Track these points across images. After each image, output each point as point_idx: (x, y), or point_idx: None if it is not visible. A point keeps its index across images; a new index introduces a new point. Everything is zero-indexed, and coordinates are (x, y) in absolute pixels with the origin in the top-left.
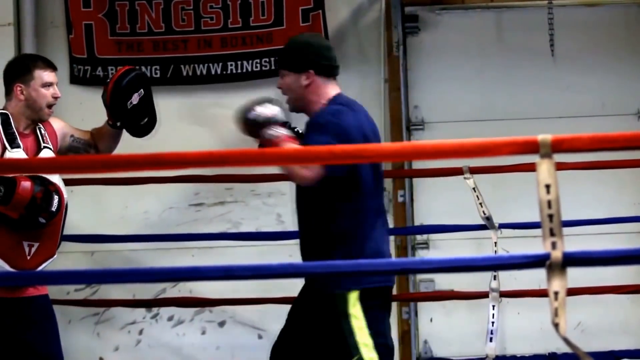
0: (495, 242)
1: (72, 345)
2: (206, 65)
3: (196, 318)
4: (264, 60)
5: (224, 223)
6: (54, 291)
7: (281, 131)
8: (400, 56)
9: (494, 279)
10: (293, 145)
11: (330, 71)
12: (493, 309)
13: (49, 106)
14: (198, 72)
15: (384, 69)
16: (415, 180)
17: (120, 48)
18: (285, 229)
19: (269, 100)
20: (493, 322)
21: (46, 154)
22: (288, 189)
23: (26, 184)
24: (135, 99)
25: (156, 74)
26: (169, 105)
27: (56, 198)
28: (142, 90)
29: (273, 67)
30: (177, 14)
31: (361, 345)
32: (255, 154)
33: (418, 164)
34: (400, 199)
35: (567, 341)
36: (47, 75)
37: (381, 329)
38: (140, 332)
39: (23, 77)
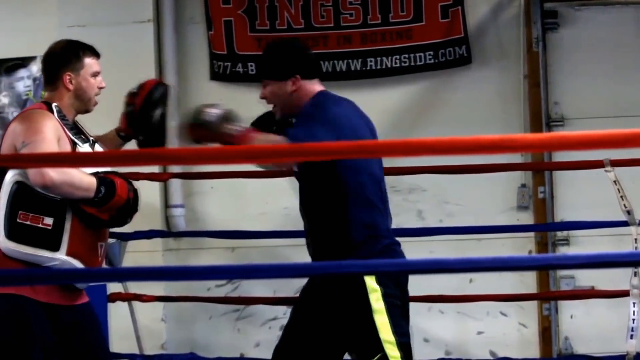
0: (636, 238)
1: (213, 341)
2: (346, 61)
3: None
4: (403, 56)
5: None
6: (196, 287)
7: (240, 126)
8: (540, 52)
9: (635, 275)
10: (259, 136)
11: (314, 72)
12: (634, 306)
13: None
14: (338, 69)
15: (523, 65)
16: (555, 175)
17: (260, 44)
18: (426, 225)
19: (212, 105)
20: (634, 320)
21: (97, 147)
22: (429, 185)
23: (123, 185)
24: (157, 114)
25: None
26: None
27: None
28: (164, 107)
29: (413, 64)
30: (317, 10)
31: (385, 342)
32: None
33: (558, 158)
34: (540, 195)
35: None
36: (95, 64)
37: (406, 329)
38: (281, 328)
39: (73, 65)
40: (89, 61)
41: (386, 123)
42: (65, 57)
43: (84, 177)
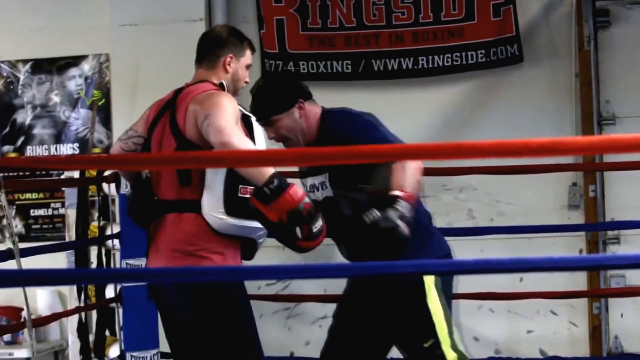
0: None
1: (263, 339)
2: (397, 60)
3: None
4: (455, 55)
5: None
6: (246, 285)
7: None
8: (592, 51)
9: None
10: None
11: (309, 93)
12: None
13: None
14: (389, 67)
15: (575, 64)
16: (605, 174)
17: (311, 43)
18: (477, 224)
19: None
20: None
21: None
22: (479, 184)
23: (298, 190)
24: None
25: (347, 68)
26: (361, 100)
27: (320, 223)
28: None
29: (464, 62)
30: (369, 8)
31: (438, 329)
32: (447, 147)
33: (609, 158)
34: (591, 194)
35: None
36: (251, 58)
37: (451, 316)
38: None
39: (236, 49)
40: (248, 52)
41: (437, 122)
42: (230, 39)
43: None
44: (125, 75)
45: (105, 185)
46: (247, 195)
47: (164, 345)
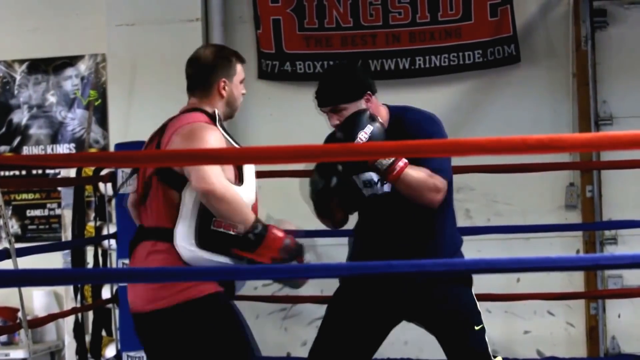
0: None
1: (259, 340)
2: (394, 60)
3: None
4: (452, 55)
5: None
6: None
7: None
8: (589, 51)
9: None
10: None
11: (375, 87)
12: None
13: None
14: (386, 67)
15: (572, 64)
16: (603, 174)
17: (308, 43)
18: (474, 224)
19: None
20: None
21: None
22: (477, 184)
23: (276, 228)
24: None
25: None
26: None
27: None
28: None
29: (461, 62)
30: (366, 9)
31: (478, 314)
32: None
33: (606, 157)
34: (588, 194)
35: None
36: (242, 71)
37: None
38: None
39: (227, 71)
40: (239, 67)
41: None
42: (219, 63)
43: (245, 205)
44: (122, 75)
45: (101, 185)
46: (221, 229)
47: None
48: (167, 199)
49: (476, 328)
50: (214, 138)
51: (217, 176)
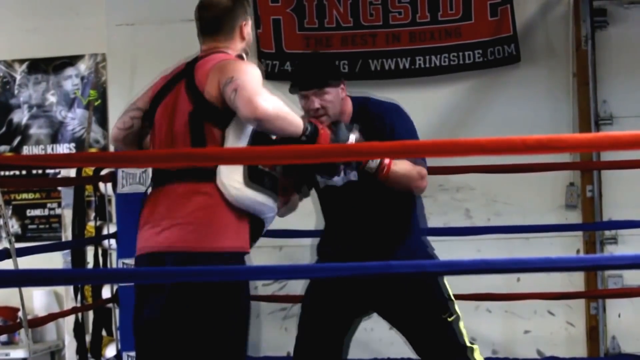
0: None
1: (260, 340)
2: (394, 59)
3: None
4: (452, 54)
5: None
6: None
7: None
8: (589, 50)
9: None
10: (398, 163)
11: None
12: None
13: None
14: (386, 67)
15: (572, 64)
16: (603, 174)
17: (308, 43)
18: (474, 224)
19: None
20: None
21: None
22: (477, 184)
23: (324, 127)
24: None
25: (344, 68)
26: None
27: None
28: None
29: (461, 62)
30: (366, 8)
31: (448, 304)
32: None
33: (606, 157)
34: (588, 194)
35: None
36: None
37: None
38: None
39: (246, 12)
40: (248, 9)
41: (434, 122)
42: (239, 4)
43: (291, 111)
44: (122, 75)
45: (101, 185)
46: (267, 169)
47: None
48: (210, 137)
49: (447, 318)
50: (254, 68)
51: (264, 96)
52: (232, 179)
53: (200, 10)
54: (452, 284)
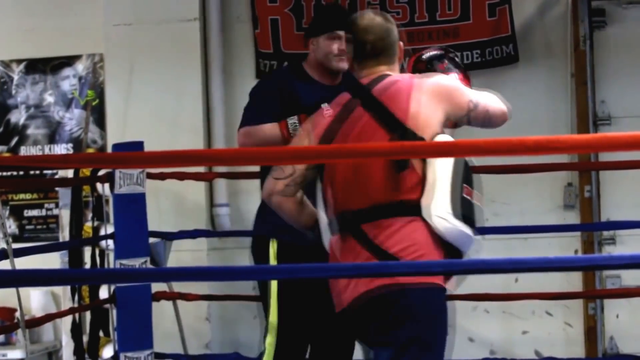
0: None
1: (257, 341)
2: None
3: None
4: None
5: None
6: (240, 286)
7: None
8: (587, 51)
9: None
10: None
11: None
12: None
13: None
14: None
15: (570, 64)
16: (601, 174)
17: (306, 43)
18: None
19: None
20: None
21: None
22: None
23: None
24: None
25: None
26: None
27: None
28: None
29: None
30: (363, 9)
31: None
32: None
33: (605, 158)
34: (586, 194)
35: None
36: None
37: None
38: None
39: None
40: None
41: None
42: (394, 27)
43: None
44: (119, 75)
45: (99, 186)
46: (470, 198)
47: (158, 346)
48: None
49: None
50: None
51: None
52: (441, 212)
53: (361, 34)
54: None
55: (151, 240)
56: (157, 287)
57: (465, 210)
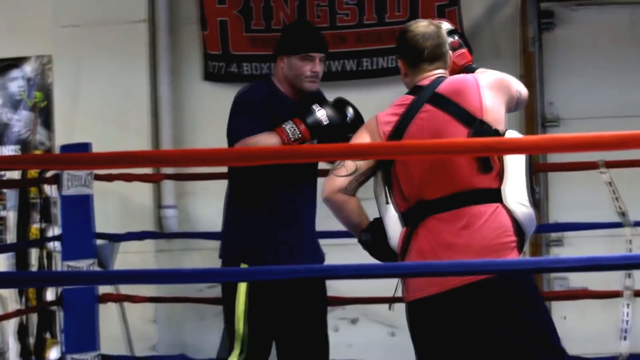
0: (630, 240)
1: (204, 342)
2: (341, 61)
3: (329, 315)
4: None
5: None
6: (187, 288)
7: None
8: (536, 52)
9: (628, 277)
10: None
11: None
12: (627, 307)
13: None
14: (333, 69)
15: (519, 65)
16: (549, 176)
17: (254, 44)
18: None
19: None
20: (627, 321)
21: None
22: None
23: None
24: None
25: None
26: None
27: None
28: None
29: None
30: (312, 10)
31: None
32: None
33: (553, 159)
34: (535, 196)
35: None
36: None
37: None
38: None
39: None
40: None
41: None
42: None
43: None
44: (68, 76)
45: (46, 187)
46: (536, 186)
47: (105, 348)
48: (487, 158)
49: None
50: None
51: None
52: (519, 199)
53: (419, 41)
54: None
55: (98, 242)
56: (103, 289)
57: (534, 197)
